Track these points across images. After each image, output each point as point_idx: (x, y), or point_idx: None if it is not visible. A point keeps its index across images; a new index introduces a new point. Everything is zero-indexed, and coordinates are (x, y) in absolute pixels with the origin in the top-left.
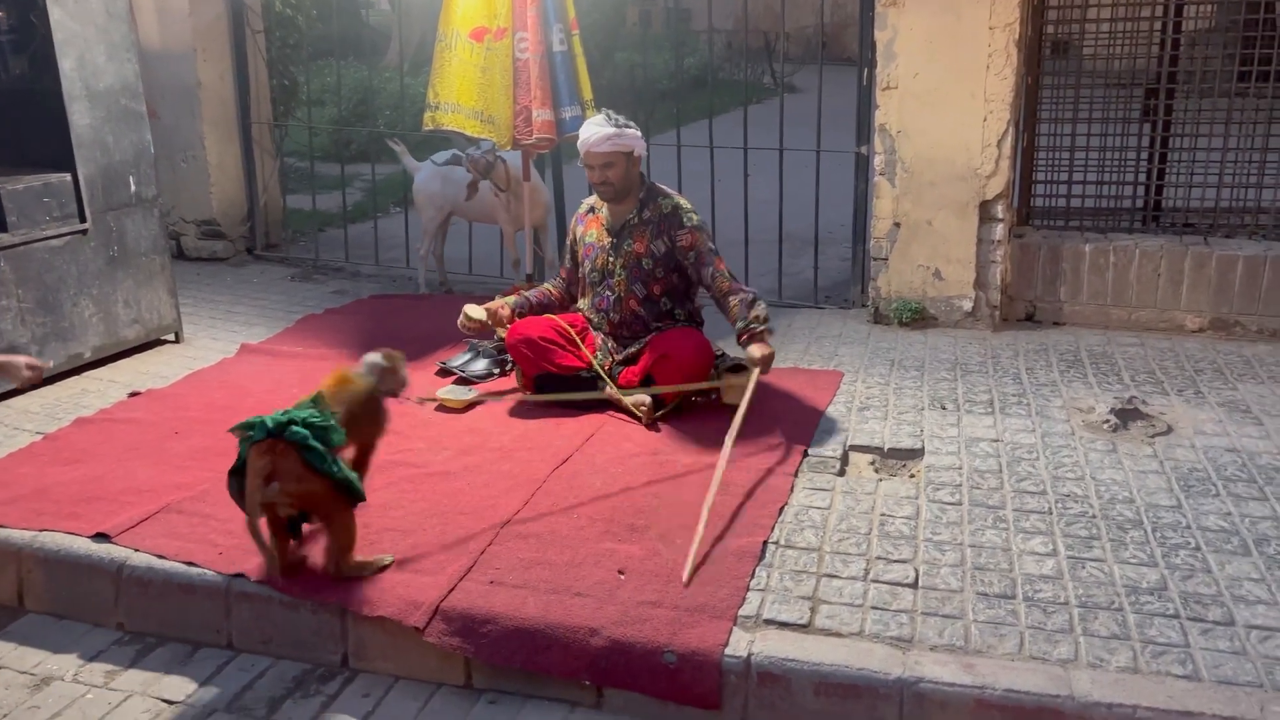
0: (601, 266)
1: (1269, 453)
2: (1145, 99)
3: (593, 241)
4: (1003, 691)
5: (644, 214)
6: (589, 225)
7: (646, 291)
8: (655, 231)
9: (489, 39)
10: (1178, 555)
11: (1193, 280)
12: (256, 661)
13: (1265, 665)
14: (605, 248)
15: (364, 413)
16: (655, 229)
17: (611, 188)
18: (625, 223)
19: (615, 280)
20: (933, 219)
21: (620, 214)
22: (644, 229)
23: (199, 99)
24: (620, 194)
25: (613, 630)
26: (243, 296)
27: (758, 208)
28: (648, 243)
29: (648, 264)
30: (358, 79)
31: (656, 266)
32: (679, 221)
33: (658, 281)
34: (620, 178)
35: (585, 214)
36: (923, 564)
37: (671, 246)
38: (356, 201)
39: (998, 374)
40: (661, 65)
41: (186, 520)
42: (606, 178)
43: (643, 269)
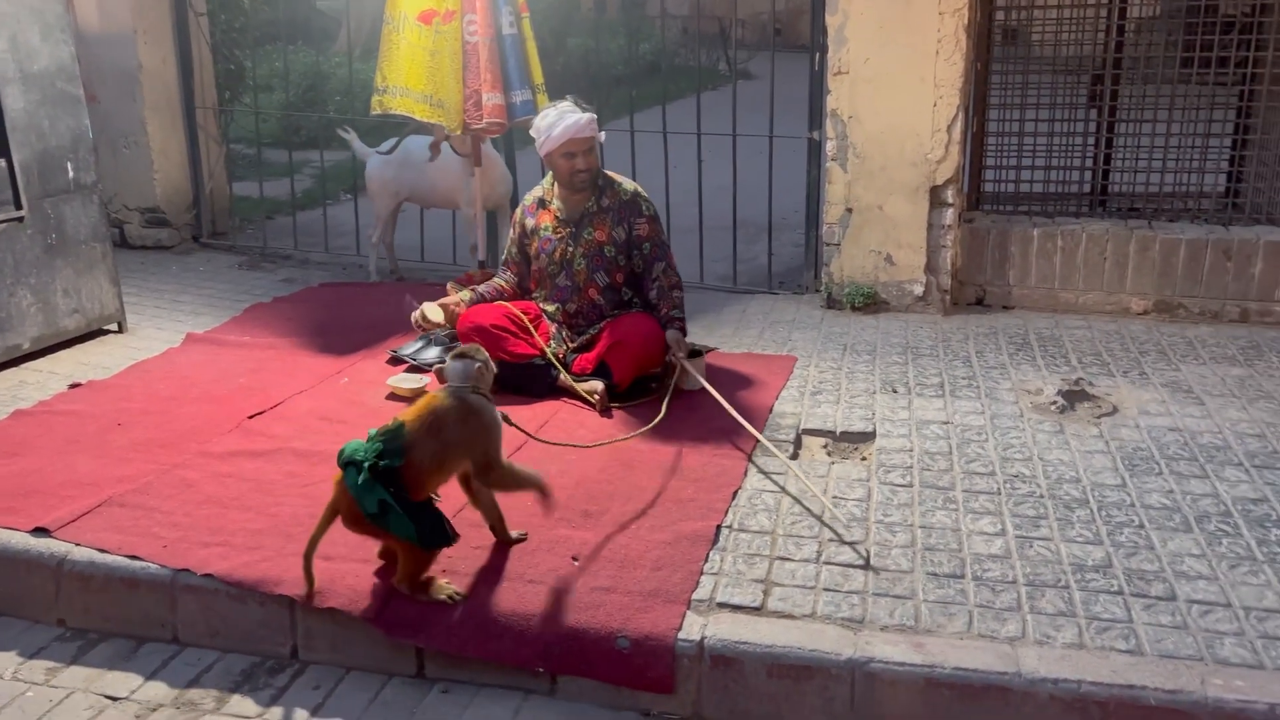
0: (560, 257)
1: (1210, 432)
2: (1092, 85)
3: (548, 234)
4: (952, 670)
5: (603, 201)
6: (541, 218)
7: (609, 280)
8: (616, 219)
9: (437, 22)
10: (1122, 533)
11: (1137, 264)
12: (203, 655)
13: (1205, 639)
14: (563, 238)
15: (456, 432)
16: (615, 216)
17: (590, 174)
18: (584, 211)
19: (575, 269)
20: (884, 204)
21: (577, 203)
22: (604, 216)
23: (140, 83)
24: (594, 181)
25: (566, 617)
26: (188, 285)
27: (712, 194)
28: (609, 230)
29: (610, 251)
30: (306, 64)
31: (619, 254)
32: (638, 209)
33: (620, 269)
34: (595, 163)
35: (534, 206)
36: (874, 545)
37: (629, 234)
38: (305, 188)
39: (948, 357)
40: (616, 51)
41: (129, 514)
42: (589, 164)
43: (605, 257)
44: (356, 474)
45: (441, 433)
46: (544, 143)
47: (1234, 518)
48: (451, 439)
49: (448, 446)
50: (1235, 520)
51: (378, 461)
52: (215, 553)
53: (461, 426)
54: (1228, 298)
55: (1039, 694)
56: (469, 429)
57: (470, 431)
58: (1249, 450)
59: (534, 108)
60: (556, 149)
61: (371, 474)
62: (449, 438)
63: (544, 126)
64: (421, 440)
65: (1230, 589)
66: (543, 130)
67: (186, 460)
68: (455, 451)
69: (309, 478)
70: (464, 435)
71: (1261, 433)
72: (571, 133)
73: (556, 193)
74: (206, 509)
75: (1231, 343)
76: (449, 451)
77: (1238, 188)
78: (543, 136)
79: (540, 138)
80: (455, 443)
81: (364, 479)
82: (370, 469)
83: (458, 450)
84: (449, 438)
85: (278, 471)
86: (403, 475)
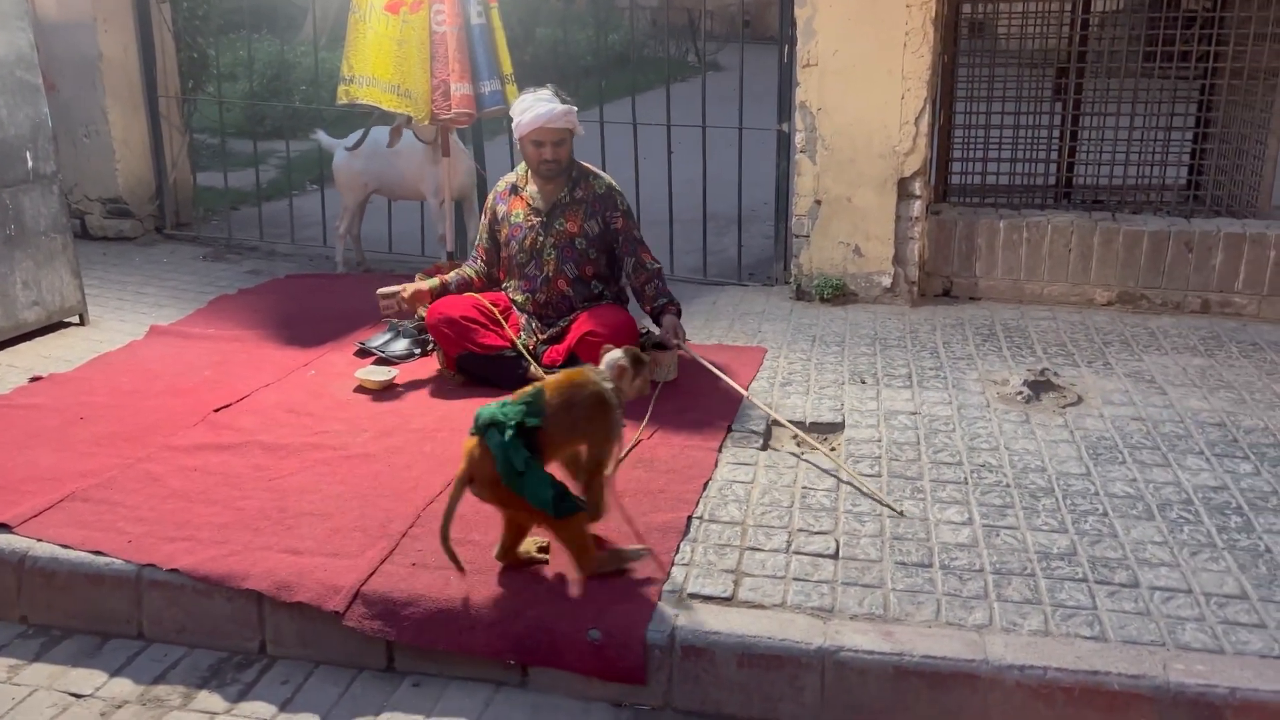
0: (530, 246)
1: (1172, 421)
2: (1056, 79)
3: (519, 222)
4: (920, 658)
5: (576, 193)
6: (513, 205)
7: (578, 272)
8: (589, 212)
9: (404, 11)
10: (1086, 521)
11: (1101, 255)
12: (170, 651)
13: (1168, 625)
14: (534, 227)
15: (587, 414)
16: (589, 209)
17: (558, 165)
18: (556, 202)
19: (545, 259)
20: (852, 196)
21: (550, 193)
22: (577, 208)
23: (101, 71)
24: (563, 171)
25: (537, 609)
26: (152, 277)
27: (682, 186)
28: (581, 223)
29: (581, 244)
30: (271, 53)
31: (590, 247)
32: (613, 203)
33: (590, 262)
34: (567, 155)
35: (506, 193)
36: (843, 535)
37: (605, 228)
38: (271, 179)
39: (915, 348)
40: (585, 41)
41: (93, 509)
42: (558, 155)
43: (576, 249)
44: (499, 434)
45: (574, 410)
46: (517, 127)
47: (1195, 505)
48: (581, 421)
49: (577, 425)
50: (1196, 508)
51: (524, 420)
52: (181, 547)
53: (595, 414)
54: (1189, 289)
55: (1005, 680)
56: (601, 421)
57: (601, 424)
58: (1210, 439)
59: (503, 98)
60: (527, 135)
61: (517, 433)
62: (579, 418)
63: (518, 110)
64: (558, 411)
65: (1191, 575)
66: (516, 114)
67: (151, 454)
68: (581, 435)
69: (276, 471)
70: (594, 424)
71: (1222, 421)
72: (541, 122)
73: (530, 180)
74: (172, 503)
75: (1193, 333)
76: (577, 430)
77: (1199, 180)
78: (515, 120)
79: (515, 121)
80: (584, 427)
81: (510, 436)
82: (517, 427)
83: (583, 435)
84: (579, 418)
85: (244, 465)
86: (538, 439)
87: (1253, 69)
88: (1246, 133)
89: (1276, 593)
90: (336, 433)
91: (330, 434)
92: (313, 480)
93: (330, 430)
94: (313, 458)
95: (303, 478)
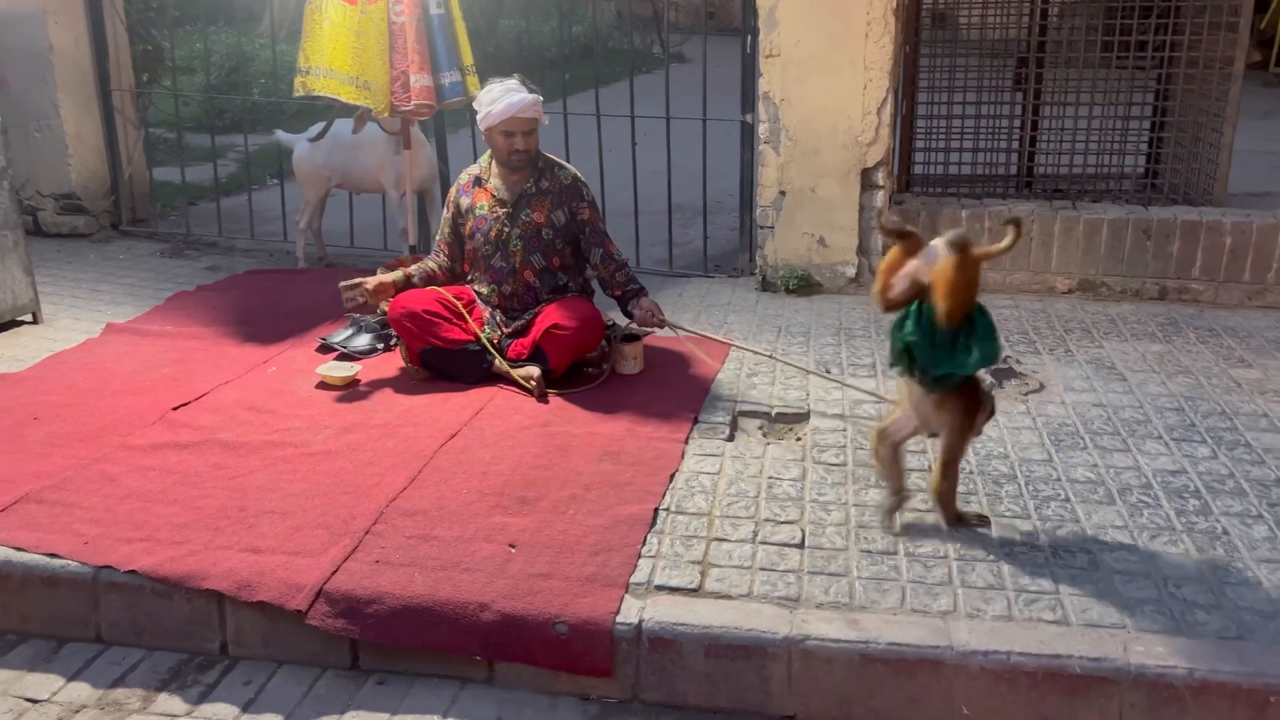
0: (496, 238)
1: (1132, 406)
2: (1017, 69)
3: (484, 214)
4: (886, 645)
5: (542, 184)
6: (477, 197)
7: (545, 263)
8: (555, 202)
9: (363, 2)
10: (1049, 506)
11: (1062, 244)
12: (128, 654)
13: (1128, 607)
14: (499, 218)
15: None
16: (555, 199)
17: (527, 155)
18: (522, 192)
19: (511, 250)
20: (816, 186)
21: (515, 184)
22: (543, 199)
23: (52, 64)
24: (531, 162)
25: (503, 604)
26: (108, 274)
27: (647, 177)
28: (548, 213)
29: (548, 234)
30: (229, 45)
31: (556, 238)
32: (579, 194)
33: (557, 253)
34: (535, 145)
35: (470, 185)
36: (809, 524)
37: (571, 219)
38: (230, 173)
39: (880, 338)
40: (548, 33)
41: (48, 510)
42: (528, 145)
43: (542, 239)
44: (965, 355)
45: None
46: (484, 117)
47: (1154, 489)
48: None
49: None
50: (1155, 492)
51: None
52: (139, 548)
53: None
54: (1147, 276)
55: (970, 666)
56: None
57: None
58: (1168, 424)
59: (463, 90)
60: (496, 125)
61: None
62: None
63: (486, 101)
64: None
65: (1151, 559)
66: (484, 104)
67: (107, 454)
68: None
69: (236, 469)
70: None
71: (1180, 406)
72: (514, 111)
73: (494, 171)
74: (129, 504)
75: (1151, 319)
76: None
77: (1156, 169)
78: (483, 110)
79: (481, 112)
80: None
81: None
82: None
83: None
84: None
85: (204, 464)
86: None
87: (1208, 58)
88: (1202, 121)
89: (1233, 575)
90: (298, 430)
91: (291, 431)
92: (274, 478)
93: (291, 427)
94: (274, 455)
95: (263, 476)
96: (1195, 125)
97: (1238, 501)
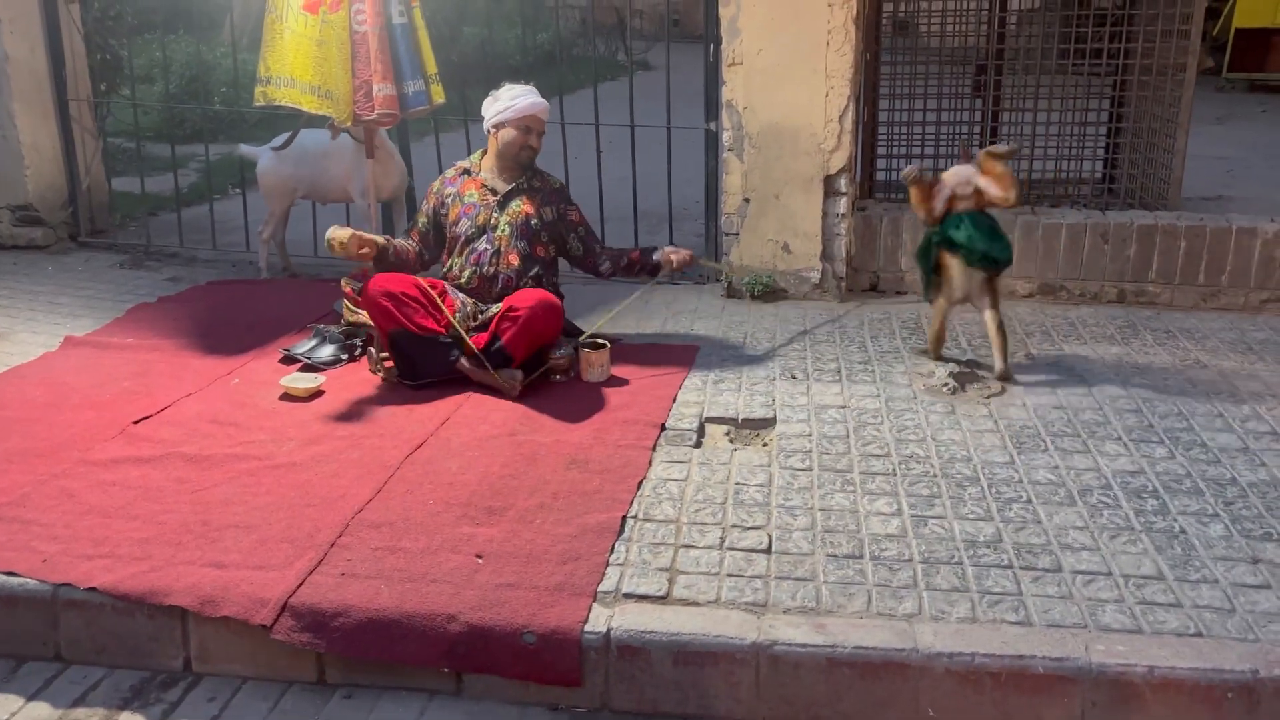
0: (483, 222)
1: (1091, 408)
2: (976, 76)
3: (473, 200)
4: (852, 649)
5: (533, 183)
6: (466, 186)
7: (529, 250)
8: (545, 200)
9: (324, 11)
10: (1011, 509)
11: (1022, 248)
12: (89, 673)
13: (1089, 607)
14: (489, 205)
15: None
16: (545, 197)
17: (534, 155)
18: (515, 186)
19: (498, 234)
20: (780, 193)
21: (509, 178)
22: (534, 195)
23: (7, 74)
24: (532, 164)
25: (471, 615)
26: (66, 286)
27: (612, 185)
28: (537, 207)
29: (535, 224)
30: (189, 54)
31: (543, 230)
32: (567, 198)
33: (542, 244)
34: (540, 148)
35: (456, 176)
36: (775, 530)
37: (559, 218)
38: (191, 183)
39: (844, 343)
40: (512, 41)
41: (5, 528)
42: (538, 145)
43: (530, 228)
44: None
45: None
46: (504, 110)
47: (1114, 490)
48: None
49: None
50: (1115, 492)
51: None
52: (99, 565)
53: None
54: (1105, 279)
55: (935, 668)
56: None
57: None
58: (1127, 425)
59: (427, 98)
60: (516, 119)
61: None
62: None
63: (507, 97)
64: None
65: (1111, 558)
66: (504, 99)
67: (66, 469)
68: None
69: (199, 483)
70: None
71: (1138, 408)
72: (537, 110)
73: (486, 165)
74: (89, 519)
75: (1110, 322)
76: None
77: (1113, 174)
78: (503, 104)
79: (499, 105)
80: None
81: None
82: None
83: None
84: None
85: (165, 478)
86: None
87: (1161, 65)
88: (1157, 127)
89: (1191, 573)
90: (261, 442)
91: (255, 444)
92: (237, 491)
93: (255, 440)
94: (237, 468)
95: (227, 489)
96: (1150, 131)
97: (1195, 501)
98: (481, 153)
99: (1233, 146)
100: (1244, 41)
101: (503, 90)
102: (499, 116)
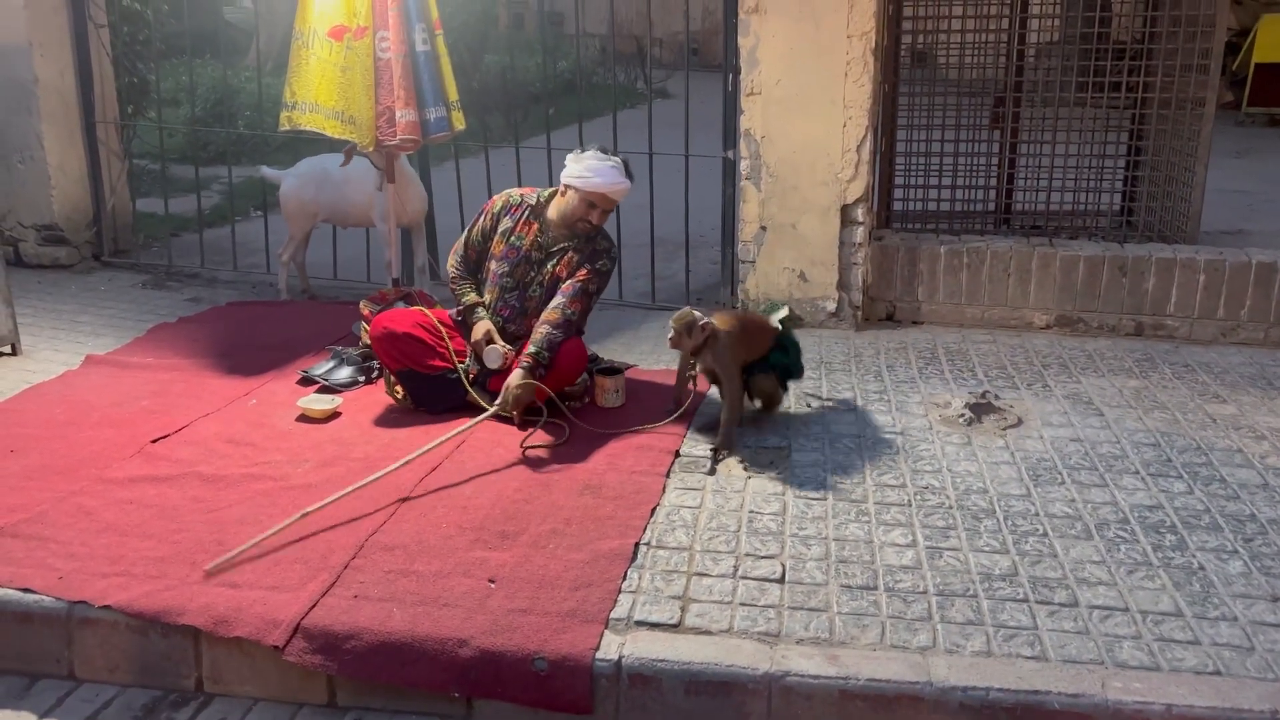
0: (520, 278)
1: (1109, 442)
2: (994, 107)
3: (520, 246)
4: (865, 681)
5: (582, 245)
6: (522, 228)
7: None
8: (583, 259)
9: (349, 38)
10: (1027, 542)
11: (1039, 279)
12: (102, 691)
13: (1106, 643)
14: (532, 261)
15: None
16: (581, 257)
17: (590, 230)
18: (563, 246)
19: (529, 296)
20: (797, 222)
21: (561, 237)
22: (574, 256)
23: (36, 96)
24: (588, 235)
25: (482, 640)
26: (89, 305)
27: (630, 212)
28: (571, 269)
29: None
30: (214, 78)
31: None
32: (595, 255)
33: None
34: (602, 224)
35: (520, 209)
36: (789, 559)
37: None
38: (213, 204)
39: (860, 372)
40: (533, 68)
41: (23, 544)
42: (601, 221)
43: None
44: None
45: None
46: (579, 178)
47: (1131, 525)
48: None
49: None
50: (1133, 527)
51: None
52: (114, 583)
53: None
54: (1123, 312)
55: (949, 702)
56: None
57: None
58: (1145, 459)
59: (448, 124)
60: (588, 194)
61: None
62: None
63: (589, 167)
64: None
65: (1128, 594)
66: (586, 167)
67: (84, 487)
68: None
69: (215, 503)
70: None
71: (1156, 442)
72: (609, 190)
73: (551, 208)
74: (105, 538)
75: (1128, 355)
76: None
77: (1131, 206)
78: (579, 171)
79: (577, 170)
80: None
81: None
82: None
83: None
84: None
85: (182, 497)
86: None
87: (1180, 99)
88: (1175, 160)
89: (1210, 610)
90: (277, 463)
91: (271, 464)
92: (252, 512)
93: (271, 461)
94: (253, 489)
95: (242, 509)
96: (1169, 164)
97: (1213, 537)
98: (554, 200)
99: (1252, 180)
100: (1264, 76)
101: (588, 154)
102: (573, 181)
